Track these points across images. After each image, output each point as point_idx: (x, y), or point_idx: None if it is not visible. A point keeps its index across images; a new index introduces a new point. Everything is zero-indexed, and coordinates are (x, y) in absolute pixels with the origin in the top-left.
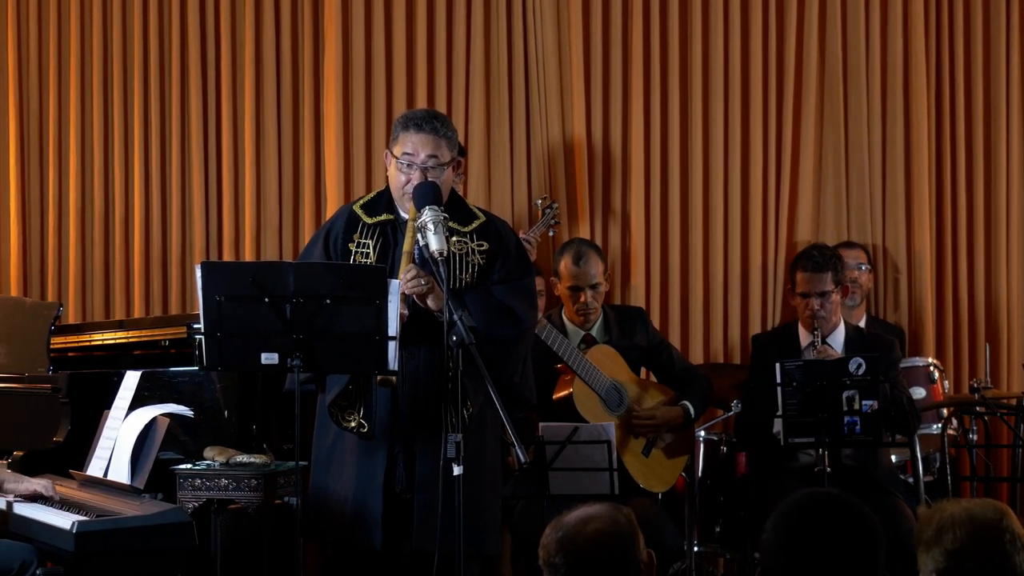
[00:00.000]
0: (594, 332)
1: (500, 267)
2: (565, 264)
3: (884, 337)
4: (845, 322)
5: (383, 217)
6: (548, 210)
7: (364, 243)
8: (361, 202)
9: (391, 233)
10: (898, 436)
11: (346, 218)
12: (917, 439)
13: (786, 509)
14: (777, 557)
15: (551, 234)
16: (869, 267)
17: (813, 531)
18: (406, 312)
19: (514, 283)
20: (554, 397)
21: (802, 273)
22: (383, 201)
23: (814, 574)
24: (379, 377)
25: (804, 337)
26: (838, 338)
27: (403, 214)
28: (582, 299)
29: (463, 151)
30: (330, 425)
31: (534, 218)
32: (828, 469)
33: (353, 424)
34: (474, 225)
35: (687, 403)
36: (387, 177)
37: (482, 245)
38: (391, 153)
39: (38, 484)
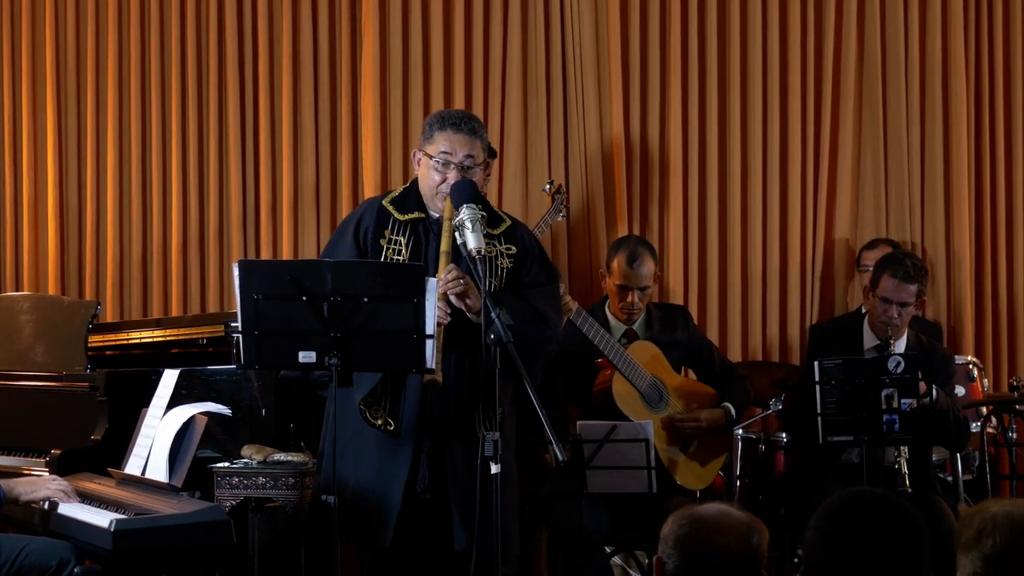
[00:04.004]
0: (636, 327)
1: (527, 271)
2: (618, 262)
3: (943, 350)
4: (908, 330)
5: (414, 215)
6: (557, 195)
7: (396, 240)
8: (389, 197)
9: (422, 232)
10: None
11: (376, 212)
12: None
13: (831, 508)
14: (822, 556)
15: (560, 218)
16: None
17: (859, 530)
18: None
19: (543, 288)
20: (595, 389)
21: (891, 279)
22: (412, 198)
23: (859, 573)
24: (426, 379)
25: (869, 338)
26: (899, 347)
27: (433, 213)
28: (629, 299)
29: (494, 153)
30: (349, 417)
31: (545, 205)
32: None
33: (380, 422)
34: (502, 228)
35: (728, 404)
36: (416, 176)
37: (510, 249)
38: (424, 152)
39: (51, 490)
